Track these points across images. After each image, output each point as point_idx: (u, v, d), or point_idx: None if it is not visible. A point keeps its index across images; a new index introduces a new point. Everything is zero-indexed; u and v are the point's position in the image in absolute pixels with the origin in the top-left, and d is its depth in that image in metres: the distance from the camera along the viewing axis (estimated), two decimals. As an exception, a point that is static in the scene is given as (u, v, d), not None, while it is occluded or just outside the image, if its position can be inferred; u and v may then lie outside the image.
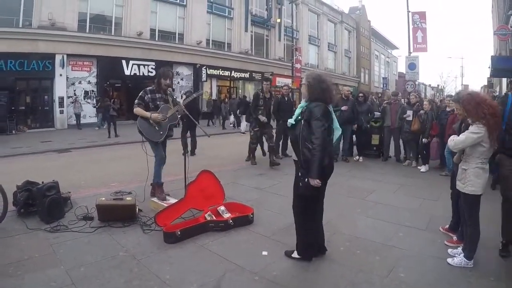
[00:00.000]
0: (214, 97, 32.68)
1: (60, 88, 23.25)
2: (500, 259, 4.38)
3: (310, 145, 3.84)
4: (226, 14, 35.16)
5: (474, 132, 4.00)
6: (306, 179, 3.93)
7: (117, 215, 5.41)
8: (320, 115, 3.90)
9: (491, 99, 4.28)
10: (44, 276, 3.88)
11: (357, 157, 11.24)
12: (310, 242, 4.24)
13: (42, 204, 5.55)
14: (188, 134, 11.38)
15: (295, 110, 4.28)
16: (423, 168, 9.85)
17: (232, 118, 24.93)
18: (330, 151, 4.12)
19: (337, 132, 4.24)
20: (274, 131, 10.81)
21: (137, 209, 5.65)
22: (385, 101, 11.75)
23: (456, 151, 4.28)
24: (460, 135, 4.17)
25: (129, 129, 18.71)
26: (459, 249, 4.35)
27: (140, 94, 6.45)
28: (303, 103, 4.20)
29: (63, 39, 23.02)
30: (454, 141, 4.19)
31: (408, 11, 26.78)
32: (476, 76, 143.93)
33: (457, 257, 4.23)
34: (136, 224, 5.38)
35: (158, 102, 6.41)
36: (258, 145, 10.77)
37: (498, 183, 5.35)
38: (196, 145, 11.93)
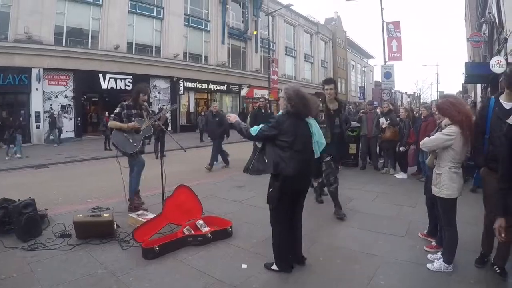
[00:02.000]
0: (192, 110, 32.62)
1: (36, 103, 22.96)
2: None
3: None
4: (203, 27, 35.30)
5: (446, 133, 4.09)
6: (270, 189, 4.13)
7: (95, 231, 5.34)
8: (272, 127, 4.13)
9: (465, 102, 4.42)
10: (22, 296, 3.81)
11: (335, 167, 11.29)
12: (286, 253, 4.26)
13: (18, 222, 5.46)
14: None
15: None
16: (399, 175, 9.99)
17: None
18: (301, 164, 4.16)
19: (320, 147, 4.35)
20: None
21: (115, 225, 5.58)
22: (361, 110, 11.88)
23: (426, 150, 4.39)
24: (432, 135, 4.28)
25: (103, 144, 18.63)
26: (439, 254, 4.41)
27: (117, 110, 6.52)
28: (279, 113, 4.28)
29: (39, 53, 22.80)
30: (423, 140, 4.30)
31: (383, 21, 27.21)
32: (451, 83, 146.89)
33: (436, 262, 4.29)
34: (115, 240, 5.31)
35: (133, 118, 6.49)
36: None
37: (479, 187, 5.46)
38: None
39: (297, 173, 4.07)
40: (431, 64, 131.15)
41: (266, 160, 4.15)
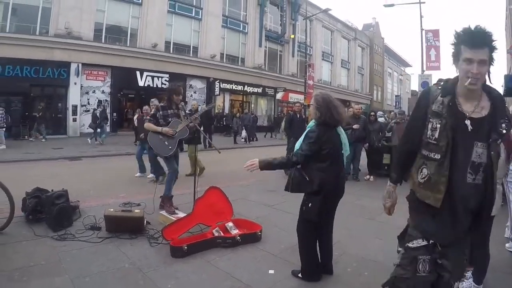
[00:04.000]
0: (226, 111, 32.77)
1: (74, 97, 23.53)
2: (509, 282, 4.32)
3: (292, 156, 4.04)
4: (241, 29, 35.51)
5: None
6: (310, 204, 4.01)
7: (125, 226, 5.40)
8: (314, 141, 3.97)
9: None
10: (49, 284, 3.89)
11: (368, 177, 11.13)
12: (313, 264, 4.19)
13: (50, 211, 5.58)
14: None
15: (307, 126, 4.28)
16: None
17: (244, 133, 24.91)
18: (335, 173, 4.09)
19: (345, 153, 4.26)
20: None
21: (145, 222, 5.63)
22: (393, 121, 11.69)
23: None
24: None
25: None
26: (469, 273, 4.27)
27: (152, 112, 6.63)
28: (311, 123, 4.18)
29: (78, 48, 23.40)
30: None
31: (422, 29, 26.70)
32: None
33: (466, 281, 4.15)
34: (144, 236, 5.36)
35: (169, 119, 6.53)
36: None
37: None
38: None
39: (338, 184, 4.06)
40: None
41: (307, 177, 4.05)
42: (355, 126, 10.25)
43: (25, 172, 9.88)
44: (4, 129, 17.45)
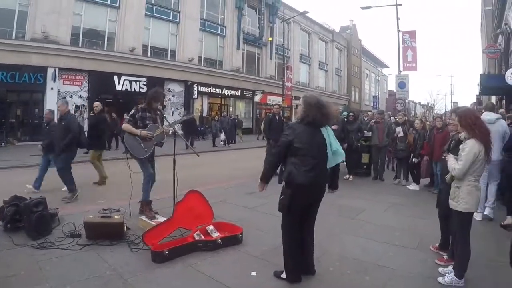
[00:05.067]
0: (205, 114, 32.67)
1: (51, 102, 23.04)
2: (490, 276, 4.41)
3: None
4: (219, 32, 35.44)
5: (472, 152, 4.01)
6: (281, 196, 4.12)
7: (105, 233, 5.34)
8: (291, 138, 4.04)
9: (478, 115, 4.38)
10: (29, 294, 3.81)
11: (347, 176, 11.22)
12: (296, 262, 4.21)
13: (29, 219, 5.50)
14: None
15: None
16: (411, 186, 9.91)
17: (222, 135, 24.88)
18: (316, 172, 4.11)
19: (337, 157, 4.28)
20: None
21: (125, 227, 5.59)
22: (372, 120, 11.81)
23: (463, 174, 4.19)
24: (461, 160, 4.14)
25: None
26: (450, 268, 4.34)
27: (131, 112, 6.58)
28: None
29: (55, 53, 23.07)
30: (457, 172, 4.14)
31: (399, 31, 27.07)
32: (465, 94, 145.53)
33: (447, 276, 4.22)
34: (124, 242, 5.32)
35: (147, 122, 6.53)
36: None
37: None
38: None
39: (308, 181, 4.02)
40: (446, 75, 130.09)
41: (283, 168, 4.15)
42: (333, 127, 10.28)
43: (3, 179, 9.73)
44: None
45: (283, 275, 4.23)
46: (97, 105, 11.31)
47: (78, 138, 8.70)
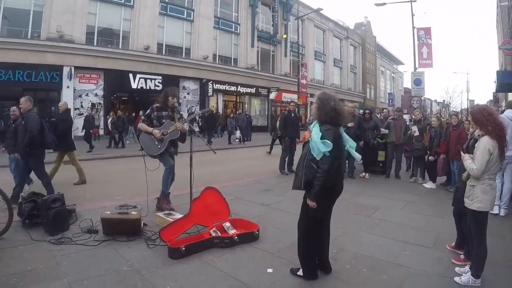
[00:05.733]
0: (220, 112, 32.73)
1: (67, 100, 23.24)
2: (508, 276, 4.35)
3: (317, 169, 3.85)
4: (233, 30, 35.48)
5: (487, 150, 3.96)
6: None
7: (122, 229, 5.39)
8: (331, 141, 3.87)
9: (495, 112, 4.29)
10: (47, 288, 3.86)
11: (363, 174, 11.16)
12: (312, 262, 4.20)
13: (47, 215, 5.57)
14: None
15: (301, 125, 4.27)
16: (428, 185, 9.80)
17: (238, 133, 24.89)
18: (340, 172, 4.12)
19: (352, 150, 4.25)
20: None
21: (142, 224, 5.64)
22: (390, 117, 11.70)
23: (481, 173, 4.12)
24: (477, 159, 4.08)
25: (133, 143, 18.86)
26: (467, 268, 4.29)
27: (147, 112, 6.75)
28: (315, 122, 4.15)
29: (71, 52, 23.37)
30: (476, 172, 4.08)
31: (414, 27, 26.71)
32: (482, 91, 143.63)
33: (464, 276, 4.17)
34: (141, 238, 5.35)
35: (163, 120, 6.65)
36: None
37: None
38: None
39: (337, 182, 4.06)
40: (462, 72, 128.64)
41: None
42: (349, 124, 10.23)
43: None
44: (-2, 134, 17.37)
45: (300, 272, 4.21)
46: (61, 104, 10.75)
47: (41, 138, 7.65)
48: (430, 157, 9.66)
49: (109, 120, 20.33)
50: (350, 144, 4.24)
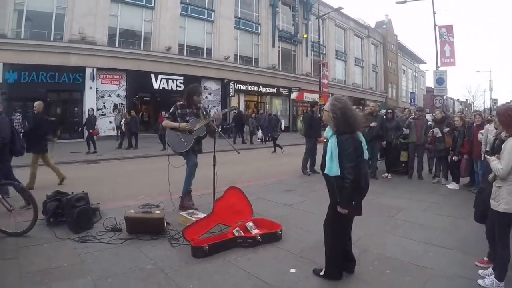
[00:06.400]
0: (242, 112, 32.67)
1: (90, 101, 23.75)
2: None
3: (344, 177, 3.86)
4: (254, 30, 35.57)
5: None
6: (353, 202, 4.00)
7: (146, 228, 5.44)
8: (352, 150, 3.89)
9: None
10: (71, 286, 3.94)
11: (386, 174, 11.06)
12: (337, 263, 4.17)
13: (71, 214, 5.65)
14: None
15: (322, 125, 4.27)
16: (451, 186, 9.66)
17: (260, 133, 24.88)
18: (366, 173, 4.13)
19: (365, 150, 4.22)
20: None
21: (165, 223, 5.67)
22: (412, 117, 11.57)
23: (507, 174, 4.05)
24: (503, 159, 4.01)
25: (156, 143, 18.97)
26: (490, 270, 4.22)
27: (171, 110, 6.79)
28: (331, 132, 4.11)
29: (93, 53, 23.74)
30: (501, 172, 4.01)
31: (435, 25, 26.33)
32: (506, 90, 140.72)
33: (488, 278, 4.10)
34: (164, 237, 5.39)
35: (188, 118, 6.69)
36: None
37: None
38: None
39: (366, 183, 4.06)
40: (485, 70, 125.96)
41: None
42: (372, 124, 10.11)
43: (44, 175, 9.95)
44: (21, 134, 17.68)
45: (323, 273, 4.19)
46: (37, 104, 10.06)
47: (12, 145, 7.16)
48: (454, 157, 9.53)
49: (123, 121, 20.35)
50: (365, 147, 4.20)
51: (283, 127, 22.07)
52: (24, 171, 8.78)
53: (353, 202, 3.96)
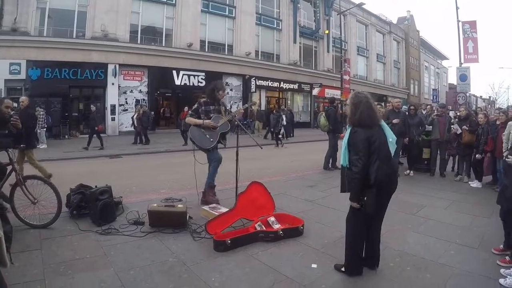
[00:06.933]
0: (263, 108, 32.71)
1: (112, 96, 24.06)
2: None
3: (351, 169, 3.97)
4: (275, 26, 35.48)
5: None
6: (365, 197, 3.97)
7: (168, 221, 5.50)
8: (361, 143, 3.93)
9: None
10: (94, 277, 4.00)
11: (408, 171, 10.95)
12: (357, 258, 4.18)
13: (94, 207, 5.74)
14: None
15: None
16: (474, 184, 9.51)
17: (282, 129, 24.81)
18: (392, 166, 4.12)
19: (392, 146, 4.17)
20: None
21: (187, 217, 5.72)
22: (435, 113, 11.42)
23: None
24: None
25: (177, 138, 19.09)
26: None
27: (195, 107, 6.87)
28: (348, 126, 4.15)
29: (115, 50, 24.03)
30: None
31: (458, 21, 26.00)
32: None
33: (509, 278, 4.06)
34: (186, 231, 5.43)
35: (211, 114, 6.72)
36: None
37: None
38: None
39: (387, 177, 4.02)
40: (508, 67, 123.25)
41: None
42: (394, 121, 10.03)
43: (68, 169, 10.12)
44: (45, 129, 18.13)
45: (344, 269, 4.20)
46: (23, 99, 9.77)
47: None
48: (477, 155, 9.36)
49: (135, 116, 20.36)
50: (392, 140, 4.19)
51: (284, 123, 21.98)
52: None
53: (365, 198, 3.95)
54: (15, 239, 4.48)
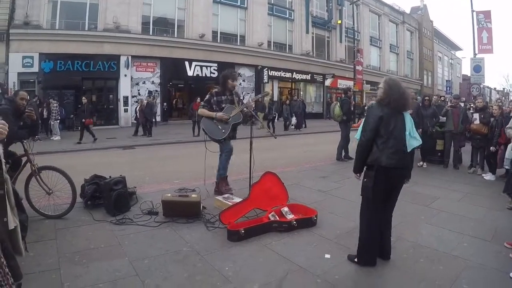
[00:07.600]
0: (275, 98, 32.68)
1: (124, 88, 24.23)
2: None
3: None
4: (287, 16, 35.34)
5: None
6: (365, 179, 4.07)
7: (182, 211, 5.52)
8: (371, 120, 4.01)
9: None
10: (109, 266, 4.03)
11: (421, 163, 10.86)
12: (372, 247, 4.16)
13: (108, 197, 5.79)
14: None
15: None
16: (487, 176, 9.42)
17: (294, 119, 24.73)
18: (401, 160, 4.04)
19: (414, 142, 4.17)
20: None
21: (201, 206, 5.75)
22: (449, 105, 11.31)
23: None
24: None
25: (189, 129, 19.13)
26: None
27: (206, 97, 6.84)
28: (372, 103, 4.18)
29: (127, 41, 24.22)
30: None
31: (473, 11, 25.53)
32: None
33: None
34: (200, 221, 5.45)
35: (223, 105, 6.72)
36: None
37: None
38: None
39: (393, 164, 3.95)
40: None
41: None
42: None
43: (82, 160, 10.19)
44: (58, 121, 18.27)
45: (357, 259, 4.20)
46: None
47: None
48: (491, 148, 9.26)
49: (137, 107, 20.34)
50: (411, 133, 4.16)
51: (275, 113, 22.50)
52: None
53: (364, 180, 4.09)
54: (30, 229, 4.53)
